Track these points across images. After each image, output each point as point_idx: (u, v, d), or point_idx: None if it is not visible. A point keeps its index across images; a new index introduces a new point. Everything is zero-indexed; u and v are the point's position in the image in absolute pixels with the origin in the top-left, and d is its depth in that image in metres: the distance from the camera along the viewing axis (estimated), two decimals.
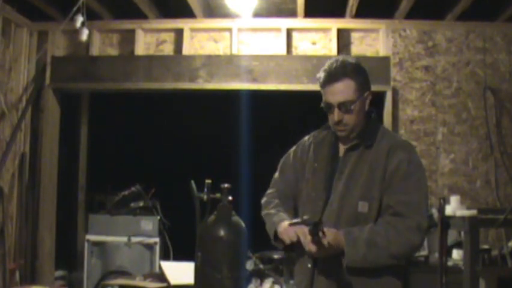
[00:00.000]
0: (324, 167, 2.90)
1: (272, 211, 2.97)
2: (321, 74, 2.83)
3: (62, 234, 6.46)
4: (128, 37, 6.31)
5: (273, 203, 3.02)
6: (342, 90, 2.76)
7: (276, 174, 3.17)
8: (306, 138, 3.11)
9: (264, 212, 3.05)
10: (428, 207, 2.81)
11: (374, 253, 2.62)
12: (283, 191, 3.05)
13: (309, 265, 2.77)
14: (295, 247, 2.77)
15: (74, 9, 5.31)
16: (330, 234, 2.58)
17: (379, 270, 2.70)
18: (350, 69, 2.79)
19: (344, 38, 6.18)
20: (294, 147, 3.15)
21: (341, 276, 2.69)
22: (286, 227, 2.75)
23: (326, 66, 2.82)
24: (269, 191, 3.15)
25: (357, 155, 2.82)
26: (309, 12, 5.97)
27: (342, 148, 2.90)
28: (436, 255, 4.97)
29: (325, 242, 2.54)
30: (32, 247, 6.06)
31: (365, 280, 2.69)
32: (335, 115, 2.79)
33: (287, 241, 2.74)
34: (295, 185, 3.01)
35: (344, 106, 2.77)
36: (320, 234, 2.52)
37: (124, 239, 6.01)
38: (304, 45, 6.23)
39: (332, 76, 2.78)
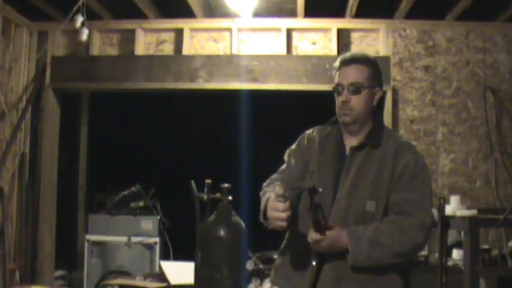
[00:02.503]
0: (330, 163, 2.90)
1: (268, 188, 2.97)
2: (338, 59, 2.93)
3: (62, 234, 6.46)
4: (128, 37, 6.31)
5: (273, 184, 3.00)
6: (355, 73, 2.84)
7: (283, 166, 3.15)
8: (311, 131, 3.10)
9: (261, 192, 3.04)
10: (432, 206, 2.83)
11: (378, 252, 2.63)
12: (288, 178, 3.02)
13: (314, 263, 2.76)
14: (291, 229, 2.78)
15: (74, 9, 5.32)
16: (332, 229, 2.60)
17: (383, 268, 2.70)
18: (367, 59, 2.91)
19: (344, 38, 6.17)
20: (299, 138, 3.14)
21: (345, 273, 2.69)
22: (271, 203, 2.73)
23: (345, 53, 2.93)
24: (273, 176, 3.13)
25: (364, 155, 2.84)
26: (309, 12, 5.97)
27: (348, 146, 2.91)
28: (436, 255, 4.97)
29: (323, 222, 2.54)
30: (32, 247, 6.06)
31: (368, 277, 2.70)
32: (343, 95, 2.83)
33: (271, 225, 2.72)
34: (300, 173, 2.99)
35: (353, 87, 2.82)
36: (320, 215, 2.53)
37: (124, 239, 6.01)
38: (304, 45, 6.22)
39: (349, 60, 2.88)
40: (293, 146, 3.14)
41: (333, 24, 6.12)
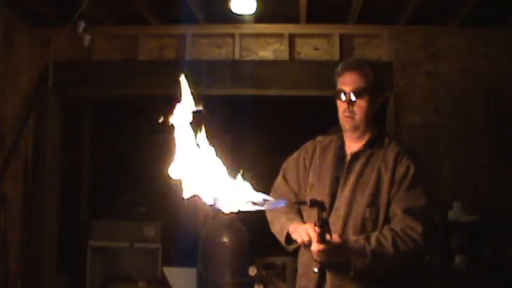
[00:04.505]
0: (329, 171, 2.90)
1: (280, 214, 2.97)
2: (340, 64, 2.94)
3: (64, 239, 6.46)
4: (131, 43, 6.31)
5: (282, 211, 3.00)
6: (357, 79, 2.85)
7: (278, 179, 3.16)
8: (309, 143, 3.11)
9: (270, 216, 3.04)
10: (434, 213, 2.81)
11: (380, 263, 2.60)
12: (286, 195, 3.04)
13: (315, 269, 2.75)
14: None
15: (77, 15, 5.33)
16: (335, 239, 2.58)
17: (384, 276, 2.69)
18: (369, 64, 2.92)
19: (346, 44, 6.17)
20: (296, 152, 3.15)
21: (346, 281, 2.68)
22: (297, 226, 2.76)
23: (347, 59, 2.96)
24: (272, 195, 3.12)
25: (364, 161, 2.83)
26: (312, 18, 5.97)
27: (348, 153, 2.91)
28: (438, 260, 4.97)
29: (328, 237, 2.52)
30: (35, 252, 6.05)
31: (370, 285, 2.69)
32: (346, 101, 2.85)
33: (299, 240, 2.73)
34: (297, 190, 3.01)
35: (356, 92, 2.83)
36: (326, 230, 2.51)
37: (127, 244, 6.01)
38: (306, 51, 6.23)
39: (351, 65, 2.90)
40: (290, 161, 3.16)
41: (336, 30, 6.13)
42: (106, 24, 6.19)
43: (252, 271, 4.28)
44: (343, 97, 2.85)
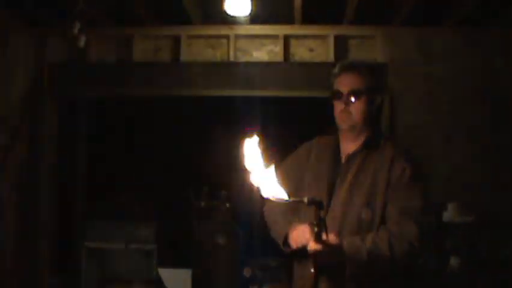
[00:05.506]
0: (326, 172, 2.92)
1: (277, 217, 2.98)
2: (337, 66, 2.96)
3: (60, 240, 6.45)
4: (126, 43, 6.31)
5: (277, 208, 3.01)
6: (354, 80, 2.87)
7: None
8: (305, 145, 3.13)
9: (269, 219, 3.05)
10: (430, 215, 2.83)
11: (376, 263, 2.62)
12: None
13: (312, 269, 2.76)
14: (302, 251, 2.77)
15: (72, 15, 5.32)
16: (332, 239, 2.59)
17: (379, 277, 2.70)
18: (367, 66, 2.96)
19: (341, 45, 6.17)
20: (291, 155, 3.16)
21: (344, 281, 2.68)
22: (296, 230, 2.77)
23: (345, 60, 2.97)
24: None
25: (360, 161, 2.85)
26: (307, 19, 5.97)
27: (344, 154, 2.92)
28: (434, 261, 4.97)
29: (324, 236, 2.52)
30: (31, 254, 6.04)
31: (366, 286, 2.70)
32: (343, 102, 2.86)
33: (294, 246, 2.75)
34: (294, 192, 3.01)
35: (353, 94, 2.84)
36: (323, 229, 2.51)
37: (122, 245, 6.00)
38: (301, 52, 6.23)
39: (349, 66, 2.92)
40: (285, 163, 3.16)
41: (331, 31, 6.12)
42: (102, 25, 6.18)
43: (247, 272, 4.28)
44: (340, 98, 2.87)
